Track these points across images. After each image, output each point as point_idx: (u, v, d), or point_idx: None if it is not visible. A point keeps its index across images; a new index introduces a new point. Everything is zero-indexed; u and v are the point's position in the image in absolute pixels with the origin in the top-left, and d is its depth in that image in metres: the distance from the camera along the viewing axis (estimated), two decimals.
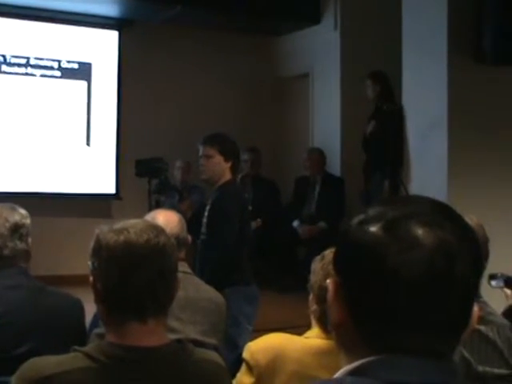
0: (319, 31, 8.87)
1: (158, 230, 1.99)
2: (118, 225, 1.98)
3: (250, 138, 8.87)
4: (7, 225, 3.02)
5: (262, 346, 2.40)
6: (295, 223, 8.07)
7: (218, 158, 4.88)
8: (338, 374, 1.22)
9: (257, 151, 8.75)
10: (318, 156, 8.32)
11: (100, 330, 2.88)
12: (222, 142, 4.96)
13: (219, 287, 3.56)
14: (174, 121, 8.96)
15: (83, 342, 2.75)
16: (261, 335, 2.56)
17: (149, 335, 1.91)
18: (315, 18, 8.89)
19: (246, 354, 2.42)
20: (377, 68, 7.68)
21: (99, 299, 1.96)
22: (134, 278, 1.89)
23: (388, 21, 7.83)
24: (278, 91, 9.60)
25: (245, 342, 4.19)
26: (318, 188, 8.23)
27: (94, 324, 3.19)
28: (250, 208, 5.74)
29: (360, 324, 1.21)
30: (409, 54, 7.03)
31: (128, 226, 1.96)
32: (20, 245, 3.02)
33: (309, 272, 2.49)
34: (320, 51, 8.85)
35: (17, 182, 8.38)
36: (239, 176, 8.34)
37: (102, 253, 1.93)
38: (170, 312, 2.04)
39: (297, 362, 2.32)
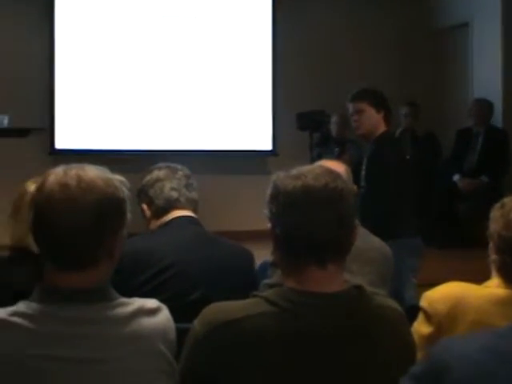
0: None
1: (334, 174, 1.97)
2: (294, 171, 1.97)
3: (408, 91, 8.73)
4: (181, 173, 3.11)
5: (440, 295, 2.33)
6: (456, 177, 7.87)
7: (370, 111, 4.88)
8: None
9: (416, 105, 8.60)
10: (486, 107, 8.07)
11: (269, 280, 2.91)
12: (370, 95, 4.96)
13: (382, 240, 3.51)
14: (329, 75, 8.89)
15: (255, 290, 2.77)
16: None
17: (329, 281, 1.90)
18: None
19: (423, 303, 2.36)
20: None
21: (278, 245, 1.96)
22: (313, 223, 1.87)
23: None
24: (436, 42, 9.35)
25: (410, 295, 4.14)
26: (480, 140, 7.97)
27: (261, 275, 3.22)
28: (408, 158, 5.65)
29: None
30: None
31: (305, 172, 1.95)
32: (191, 194, 3.09)
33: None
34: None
35: (179, 141, 8.59)
36: (399, 130, 8.24)
37: (280, 198, 1.92)
38: None
39: (477, 310, 2.24)
